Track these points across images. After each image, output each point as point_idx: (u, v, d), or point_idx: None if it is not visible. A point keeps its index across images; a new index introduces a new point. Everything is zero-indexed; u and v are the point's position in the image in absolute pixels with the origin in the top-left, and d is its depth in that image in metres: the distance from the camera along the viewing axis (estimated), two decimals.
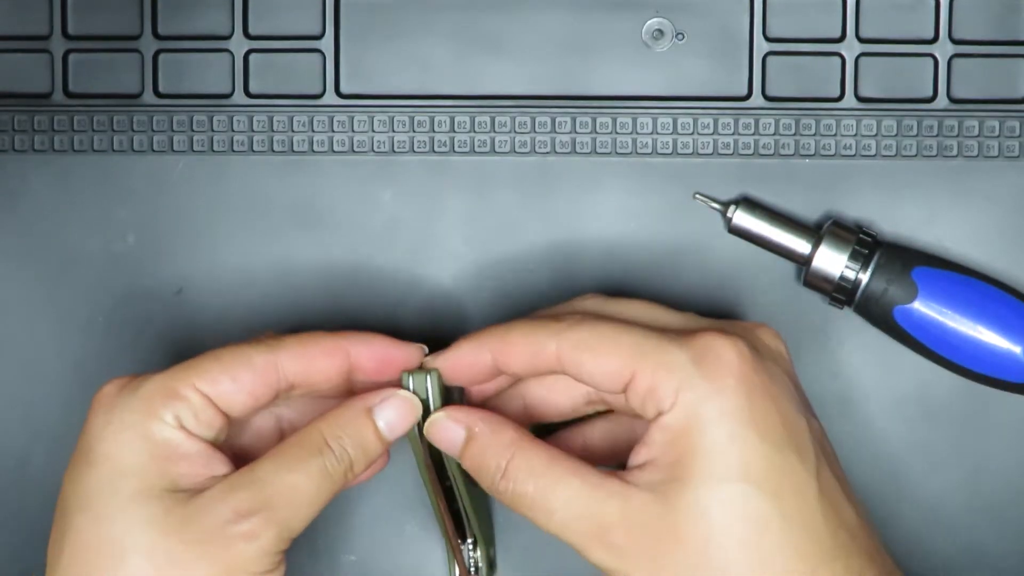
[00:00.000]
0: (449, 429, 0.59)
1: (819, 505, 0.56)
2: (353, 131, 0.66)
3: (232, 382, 0.59)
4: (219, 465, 0.59)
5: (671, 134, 0.66)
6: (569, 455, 0.57)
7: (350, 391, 0.61)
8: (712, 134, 0.66)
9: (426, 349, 0.61)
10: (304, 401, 0.63)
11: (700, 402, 0.56)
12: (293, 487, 0.57)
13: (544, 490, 0.57)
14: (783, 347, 0.60)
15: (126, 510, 0.57)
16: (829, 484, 0.57)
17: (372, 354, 0.60)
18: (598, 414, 0.63)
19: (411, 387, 0.60)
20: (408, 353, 0.61)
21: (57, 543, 0.58)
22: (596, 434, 0.64)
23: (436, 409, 0.60)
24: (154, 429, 0.58)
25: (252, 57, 0.66)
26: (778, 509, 0.55)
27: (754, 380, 0.56)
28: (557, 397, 0.62)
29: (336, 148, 0.66)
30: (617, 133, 0.66)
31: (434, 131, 0.66)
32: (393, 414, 0.60)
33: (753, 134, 0.66)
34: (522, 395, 0.63)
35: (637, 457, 0.57)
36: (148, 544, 0.56)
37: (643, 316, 0.60)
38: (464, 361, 0.60)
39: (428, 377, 0.60)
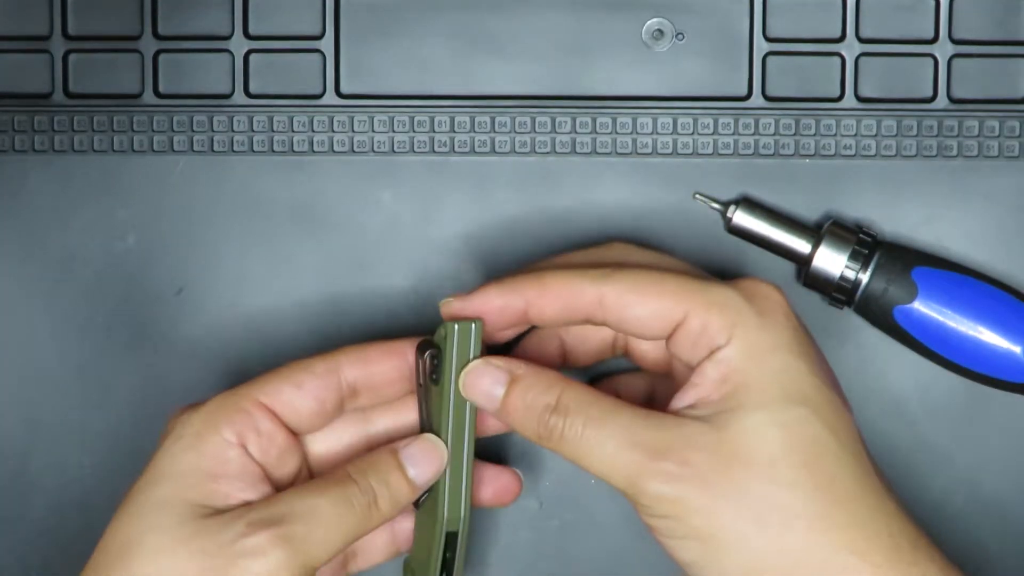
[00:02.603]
0: (489, 374, 0.58)
1: (862, 446, 0.57)
2: (353, 131, 0.66)
3: (295, 389, 0.59)
4: (258, 492, 0.58)
5: (671, 134, 0.66)
6: (613, 396, 0.57)
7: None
8: (712, 134, 0.66)
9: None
10: None
11: (756, 335, 0.56)
12: (311, 508, 0.56)
13: (596, 422, 0.56)
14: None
15: (146, 515, 0.57)
16: (861, 436, 0.58)
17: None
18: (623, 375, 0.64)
19: (453, 338, 0.58)
20: None
21: (98, 542, 0.58)
22: (627, 391, 0.64)
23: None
24: (209, 442, 0.58)
25: (252, 57, 0.66)
26: (834, 435, 0.56)
27: (797, 320, 0.58)
28: (582, 341, 0.62)
29: (336, 148, 0.66)
30: (617, 133, 0.66)
31: (434, 131, 0.66)
32: (418, 454, 0.59)
33: (753, 134, 0.66)
34: (557, 337, 0.62)
35: (684, 399, 0.57)
36: (156, 550, 0.56)
37: (675, 266, 0.60)
38: (493, 305, 0.59)
39: (473, 327, 0.58)
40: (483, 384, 0.58)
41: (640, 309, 0.57)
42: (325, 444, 0.62)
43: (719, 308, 0.57)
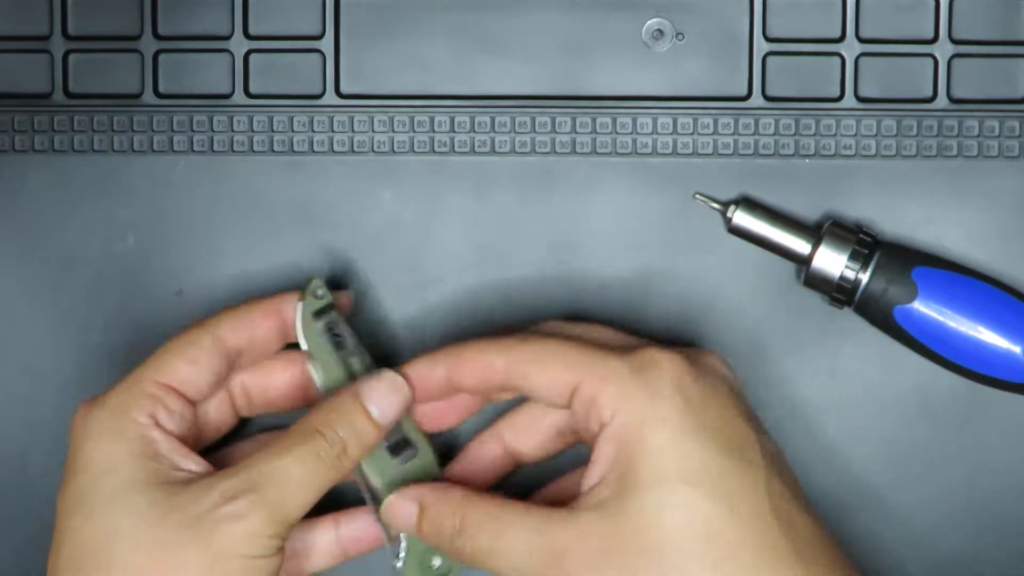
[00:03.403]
0: (403, 506, 0.60)
1: (771, 508, 0.56)
2: (353, 131, 0.66)
3: (189, 365, 0.61)
4: (193, 463, 0.60)
5: (671, 134, 0.66)
6: (518, 501, 0.58)
7: (307, 400, 0.63)
8: (712, 134, 0.66)
9: (351, 295, 0.64)
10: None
11: (640, 409, 0.56)
12: (282, 470, 0.58)
13: (497, 535, 0.58)
14: (728, 369, 0.60)
15: (112, 505, 0.58)
16: (779, 491, 0.57)
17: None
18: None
19: (300, 309, 0.61)
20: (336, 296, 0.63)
21: (54, 555, 0.59)
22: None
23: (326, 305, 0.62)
24: (128, 428, 0.59)
25: (252, 57, 0.66)
26: (729, 510, 0.55)
27: (692, 389, 0.57)
28: (529, 436, 0.63)
29: (336, 148, 0.66)
30: (617, 133, 0.66)
31: (434, 131, 0.66)
32: (380, 394, 0.60)
33: (753, 134, 0.66)
34: (499, 440, 0.64)
35: (589, 479, 0.58)
36: (136, 533, 0.57)
37: (594, 336, 0.61)
38: (418, 375, 0.61)
39: (312, 282, 0.62)
40: (400, 517, 0.61)
41: (538, 378, 0.59)
42: (207, 410, 0.63)
43: (606, 380, 0.57)
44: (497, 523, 0.58)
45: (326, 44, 0.66)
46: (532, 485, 0.64)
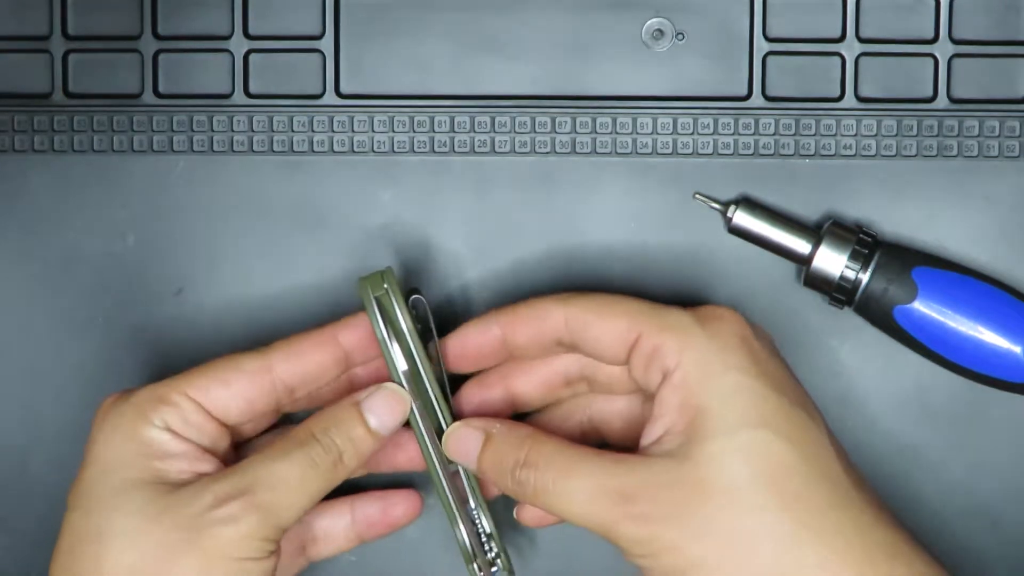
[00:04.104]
0: (468, 436, 0.60)
1: (835, 457, 0.57)
2: (353, 131, 0.66)
3: (224, 387, 0.60)
4: (207, 465, 0.60)
5: (671, 134, 0.66)
6: (584, 445, 0.58)
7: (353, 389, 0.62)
8: (712, 134, 0.66)
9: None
10: None
11: (705, 357, 0.57)
12: (276, 474, 0.58)
13: (565, 473, 0.57)
14: (771, 337, 0.61)
15: (110, 501, 0.58)
16: (838, 444, 0.58)
17: (361, 334, 0.61)
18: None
19: (370, 294, 0.60)
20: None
21: (56, 544, 0.59)
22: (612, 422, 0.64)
23: (401, 312, 0.60)
24: (141, 430, 0.59)
25: (252, 57, 0.66)
26: (799, 453, 0.56)
27: (755, 342, 0.58)
28: (533, 379, 0.63)
29: (336, 148, 0.66)
30: (617, 133, 0.66)
31: (434, 131, 0.66)
32: (380, 404, 0.60)
33: (753, 134, 0.66)
34: (501, 382, 0.63)
35: (651, 432, 0.58)
36: (130, 529, 0.57)
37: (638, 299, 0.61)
38: (472, 340, 0.61)
39: (383, 275, 0.60)
40: (462, 446, 0.60)
41: (597, 329, 0.59)
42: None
43: (670, 329, 0.58)
44: (566, 460, 0.57)
45: (326, 44, 0.66)
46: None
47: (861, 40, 0.66)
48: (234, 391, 0.60)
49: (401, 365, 0.61)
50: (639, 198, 0.66)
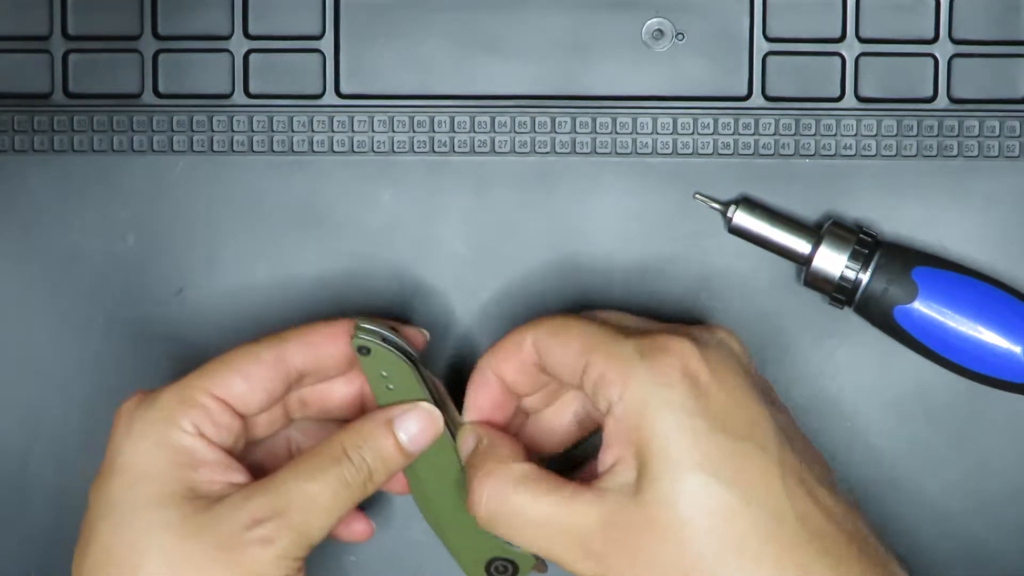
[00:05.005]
0: (468, 440, 0.61)
1: (783, 489, 0.56)
2: (353, 131, 0.66)
3: (244, 380, 0.60)
4: (237, 474, 0.60)
5: (671, 134, 0.66)
6: (551, 474, 0.58)
7: (364, 409, 0.63)
8: (712, 134, 0.66)
9: (426, 333, 0.63)
10: (314, 426, 0.64)
11: (646, 392, 0.56)
12: (310, 495, 0.58)
13: (524, 506, 0.57)
14: (738, 344, 0.60)
15: (145, 515, 0.58)
16: (795, 469, 0.56)
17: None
18: None
19: (363, 337, 0.60)
20: (409, 331, 0.62)
21: (81, 553, 0.59)
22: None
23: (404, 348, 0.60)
24: (173, 437, 0.59)
25: (252, 57, 0.66)
26: (740, 496, 0.55)
27: (701, 372, 0.57)
28: (550, 423, 0.63)
29: (336, 148, 0.66)
30: (617, 133, 0.66)
31: (434, 131, 0.66)
32: (414, 426, 0.61)
33: (753, 134, 0.66)
34: (523, 431, 0.64)
35: (604, 460, 0.58)
36: (166, 548, 0.57)
37: (610, 318, 0.61)
38: (480, 398, 0.61)
39: (362, 327, 0.60)
40: (464, 443, 0.61)
41: (557, 351, 0.59)
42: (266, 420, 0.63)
43: (614, 360, 0.57)
44: (524, 495, 0.58)
45: (326, 44, 0.66)
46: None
47: (861, 40, 0.66)
48: (254, 383, 0.60)
49: (424, 392, 0.61)
50: (639, 198, 0.66)
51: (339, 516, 0.59)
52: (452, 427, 0.61)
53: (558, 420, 0.63)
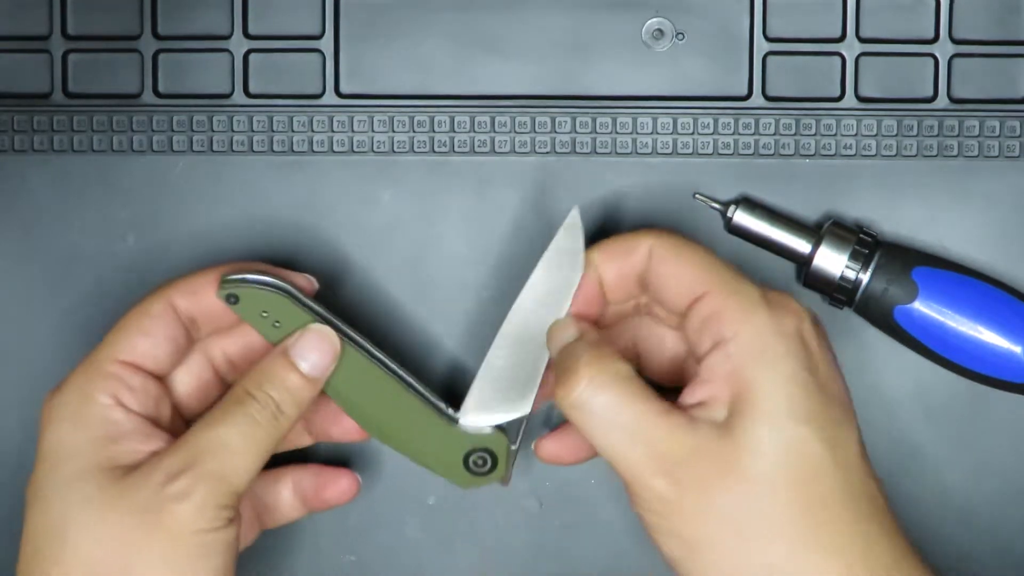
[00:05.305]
0: (568, 329, 0.60)
1: (860, 464, 0.57)
2: (353, 131, 0.66)
3: (144, 337, 0.60)
4: (159, 442, 0.59)
5: (671, 134, 0.66)
6: (648, 386, 0.57)
7: None
8: (712, 134, 0.66)
9: (313, 280, 0.62)
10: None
11: (764, 337, 0.56)
12: (218, 441, 0.58)
13: (617, 405, 0.57)
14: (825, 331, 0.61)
15: (66, 495, 0.58)
16: (864, 452, 0.58)
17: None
18: None
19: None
20: (292, 275, 0.62)
21: (21, 544, 0.59)
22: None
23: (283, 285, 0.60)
24: (89, 412, 0.59)
25: (252, 57, 0.66)
26: (833, 458, 0.56)
27: (811, 339, 0.58)
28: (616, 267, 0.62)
29: (336, 148, 0.66)
30: (617, 133, 0.66)
31: (434, 131, 0.66)
32: (309, 349, 0.60)
33: (753, 134, 0.66)
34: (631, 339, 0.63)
35: (693, 394, 0.57)
36: (88, 523, 0.57)
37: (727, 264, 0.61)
38: (579, 291, 0.60)
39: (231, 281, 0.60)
40: (560, 332, 0.60)
41: (672, 268, 0.58)
42: (184, 380, 0.62)
43: (737, 297, 0.57)
44: (618, 394, 0.57)
45: (326, 44, 0.66)
46: None
47: (861, 40, 0.66)
48: (155, 337, 0.60)
49: (310, 315, 0.61)
50: (639, 198, 0.66)
51: (259, 456, 0.58)
52: (360, 343, 0.61)
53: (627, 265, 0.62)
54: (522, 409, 0.61)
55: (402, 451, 0.62)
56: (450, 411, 0.62)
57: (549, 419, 0.66)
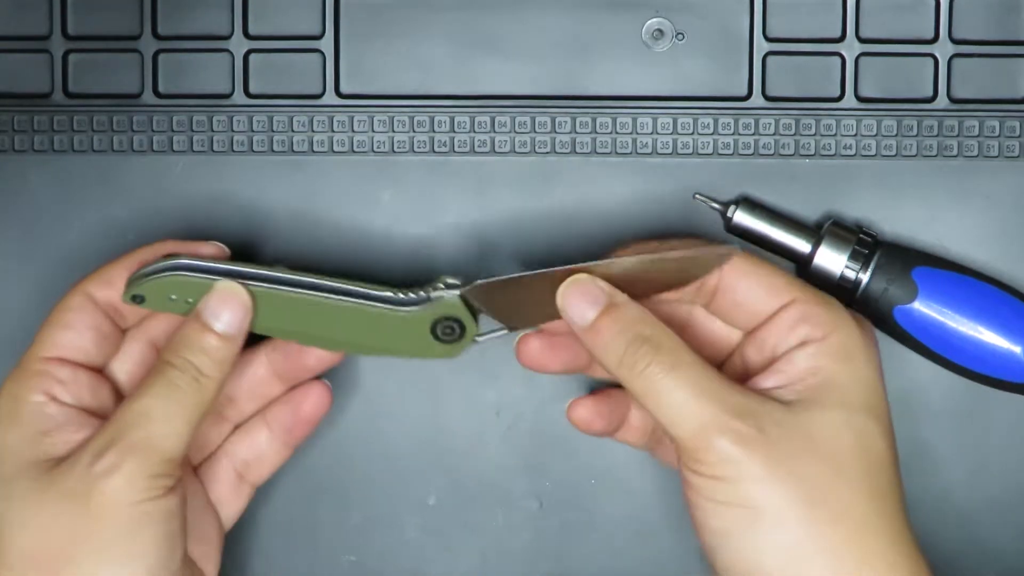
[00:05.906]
0: (590, 293, 0.59)
1: (895, 464, 0.59)
2: (353, 131, 0.66)
3: (65, 329, 0.60)
4: (92, 429, 0.59)
5: (671, 134, 0.66)
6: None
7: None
8: (712, 134, 0.66)
9: (223, 247, 0.62)
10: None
11: (853, 340, 0.59)
12: (140, 411, 0.58)
13: (684, 366, 0.57)
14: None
15: (2, 494, 0.58)
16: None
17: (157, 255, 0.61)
18: None
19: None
20: (197, 246, 0.62)
21: None
22: None
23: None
24: (21, 411, 0.59)
25: (252, 57, 0.66)
26: (891, 456, 0.58)
27: (874, 348, 0.60)
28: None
29: (336, 148, 0.66)
30: (617, 133, 0.66)
31: (434, 131, 0.66)
32: (219, 307, 0.60)
33: (753, 134, 0.66)
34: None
35: (766, 380, 0.59)
36: (22, 517, 0.57)
37: None
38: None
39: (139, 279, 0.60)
40: (583, 297, 0.59)
41: (755, 281, 0.60)
42: (124, 369, 0.63)
43: (825, 305, 0.59)
44: (687, 355, 0.57)
45: (326, 44, 0.66)
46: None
47: (861, 40, 0.66)
48: (77, 328, 0.60)
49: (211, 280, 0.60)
50: (639, 198, 0.66)
51: (186, 421, 0.58)
52: (281, 278, 0.61)
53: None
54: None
55: (375, 353, 0.62)
56: (401, 294, 0.61)
57: None
